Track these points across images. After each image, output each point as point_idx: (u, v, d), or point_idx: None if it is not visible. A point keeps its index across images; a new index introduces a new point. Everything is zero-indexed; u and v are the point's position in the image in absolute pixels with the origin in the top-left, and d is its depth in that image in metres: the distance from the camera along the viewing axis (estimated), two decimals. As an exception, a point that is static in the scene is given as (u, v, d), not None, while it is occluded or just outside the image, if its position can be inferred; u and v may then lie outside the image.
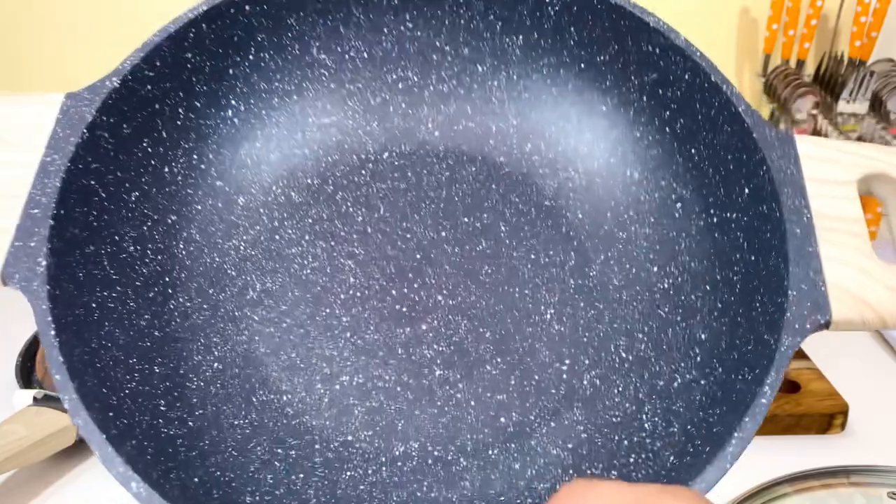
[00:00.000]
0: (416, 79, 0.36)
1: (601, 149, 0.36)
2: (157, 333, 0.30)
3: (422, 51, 0.36)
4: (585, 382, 0.32)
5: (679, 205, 0.34)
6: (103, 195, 0.29)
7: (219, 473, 0.27)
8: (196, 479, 0.26)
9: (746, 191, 0.31)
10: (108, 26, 0.78)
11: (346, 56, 0.36)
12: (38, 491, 0.46)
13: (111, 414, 0.25)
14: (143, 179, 0.31)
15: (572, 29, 0.35)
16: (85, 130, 0.28)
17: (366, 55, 0.36)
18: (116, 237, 0.30)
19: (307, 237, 0.34)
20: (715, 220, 0.32)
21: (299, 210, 0.34)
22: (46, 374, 0.54)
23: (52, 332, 0.25)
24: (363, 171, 0.36)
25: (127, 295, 0.29)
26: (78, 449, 0.48)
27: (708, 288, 0.31)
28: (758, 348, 0.27)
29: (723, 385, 0.28)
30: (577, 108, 0.36)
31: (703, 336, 0.31)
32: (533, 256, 0.34)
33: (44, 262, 0.26)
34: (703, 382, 0.29)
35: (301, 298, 0.33)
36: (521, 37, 0.36)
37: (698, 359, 0.30)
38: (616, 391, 0.31)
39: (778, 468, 0.44)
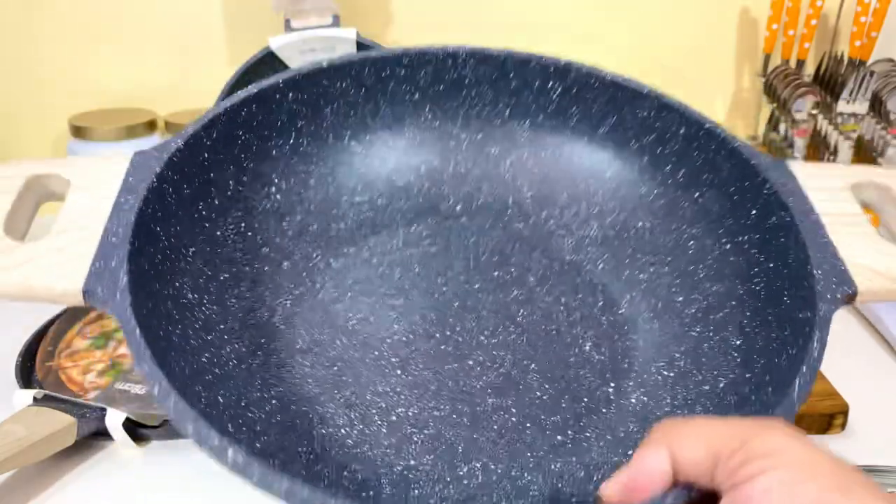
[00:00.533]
0: (436, 163, 0.41)
1: (611, 208, 0.39)
2: (217, 371, 0.32)
3: (441, 138, 0.41)
4: (633, 400, 0.34)
5: (692, 242, 0.37)
6: (166, 243, 0.33)
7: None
8: None
9: (754, 212, 0.34)
10: (117, 30, 0.78)
11: (374, 144, 0.41)
12: (38, 491, 0.46)
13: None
14: (200, 238, 0.35)
15: (574, 108, 0.40)
16: (154, 179, 0.32)
17: (389, 144, 0.41)
18: (177, 283, 0.32)
19: (349, 294, 0.37)
20: (728, 245, 0.36)
21: (339, 273, 0.38)
22: (47, 374, 0.54)
23: (141, 339, 0.26)
24: (395, 240, 0.40)
25: (188, 334, 0.31)
26: (78, 449, 0.48)
27: (734, 303, 0.34)
28: (796, 329, 0.30)
29: (769, 370, 0.30)
30: (585, 175, 0.40)
31: (737, 342, 0.33)
32: (564, 300, 0.38)
33: (125, 278, 0.28)
34: (748, 375, 0.31)
35: (349, 345, 0.35)
36: (527, 121, 0.41)
37: (738, 360, 0.32)
38: (665, 402, 0.33)
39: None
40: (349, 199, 0.40)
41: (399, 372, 0.35)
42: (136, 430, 0.49)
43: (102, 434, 0.49)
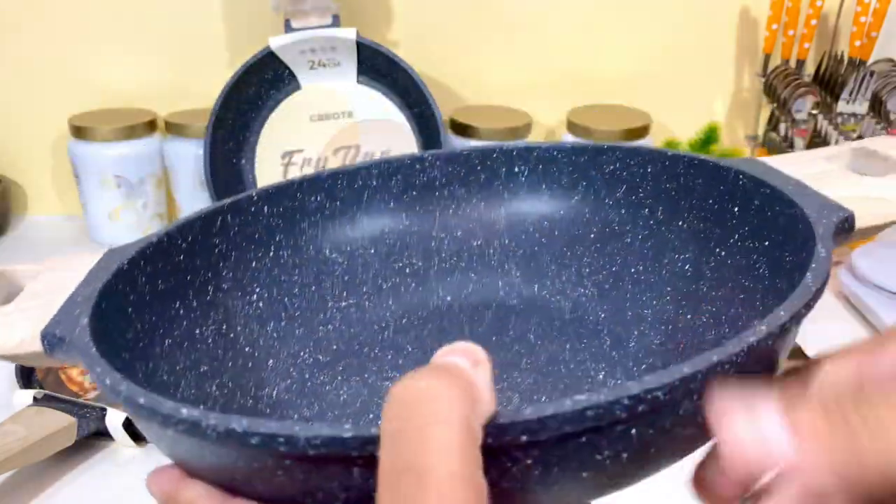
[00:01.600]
0: (420, 263, 0.41)
1: (601, 265, 0.39)
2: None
3: (421, 240, 0.41)
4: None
5: (687, 266, 0.37)
6: (138, 325, 0.32)
7: None
8: None
9: (736, 209, 0.35)
10: (117, 30, 0.78)
11: (356, 254, 0.41)
12: (38, 491, 0.46)
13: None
14: (175, 333, 0.34)
15: (543, 185, 0.41)
16: (125, 262, 0.32)
17: (372, 251, 0.41)
18: (150, 363, 0.32)
19: (339, 379, 0.37)
20: (723, 252, 0.36)
21: (328, 365, 0.38)
22: (46, 374, 0.54)
23: (101, 365, 0.25)
24: (386, 333, 0.40)
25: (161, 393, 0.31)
26: (78, 449, 0.48)
27: (743, 297, 0.34)
28: (802, 268, 0.29)
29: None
30: (569, 242, 0.40)
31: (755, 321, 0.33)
32: (569, 346, 0.37)
33: (85, 320, 0.28)
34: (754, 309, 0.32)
35: (339, 418, 0.35)
36: (503, 208, 0.41)
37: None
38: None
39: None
40: (335, 304, 0.40)
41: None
42: (136, 430, 0.49)
43: (102, 434, 0.49)
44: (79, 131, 0.74)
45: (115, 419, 0.48)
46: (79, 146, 0.75)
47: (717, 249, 0.36)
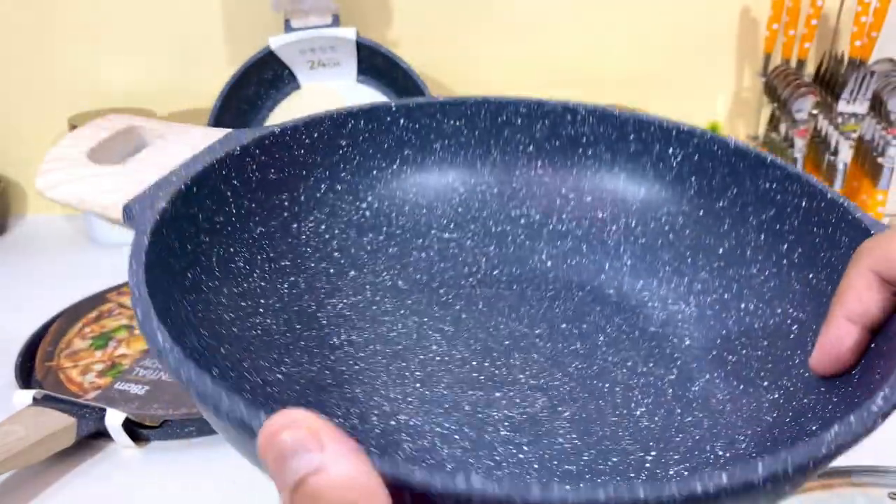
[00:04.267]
0: (537, 217, 0.40)
1: (715, 286, 0.36)
2: (234, 331, 0.31)
3: (547, 194, 0.40)
4: (671, 472, 0.31)
5: (795, 327, 0.33)
6: (233, 210, 0.33)
7: None
8: None
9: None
10: (117, 30, 0.78)
11: (478, 188, 0.40)
12: (38, 491, 0.46)
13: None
14: (271, 223, 0.35)
15: (693, 179, 0.37)
16: (238, 149, 0.32)
17: (495, 191, 0.40)
18: (231, 249, 0.32)
19: (402, 311, 0.36)
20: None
21: (402, 294, 0.37)
22: (46, 374, 0.54)
23: (143, 266, 0.26)
24: (471, 279, 0.38)
25: (221, 292, 0.31)
26: (78, 449, 0.48)
27: (823, 389, 0.30)
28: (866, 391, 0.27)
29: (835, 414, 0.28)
30: (693, 252, 0.37)
31: (814, 428, 0.29)
32: (630, 364, 0.35)
33: (164, 205, 0.29)
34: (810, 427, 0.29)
35: (381, 352, 0.34)
36: (643, 188, 0.38)
37: (802, 429, 0.29)
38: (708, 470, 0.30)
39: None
40: (438, 233, 0.39)
41: (417, 385, 0.34)
42: (136, 430, 0.49)
43: (102, 434, 0.49)
44: (79, 131, 0.74)
45: (114, 419, 0.48)
46: (79, 146, 0.75)
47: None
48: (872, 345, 0.29)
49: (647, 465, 0.31)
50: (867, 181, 0.73)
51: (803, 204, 0.34)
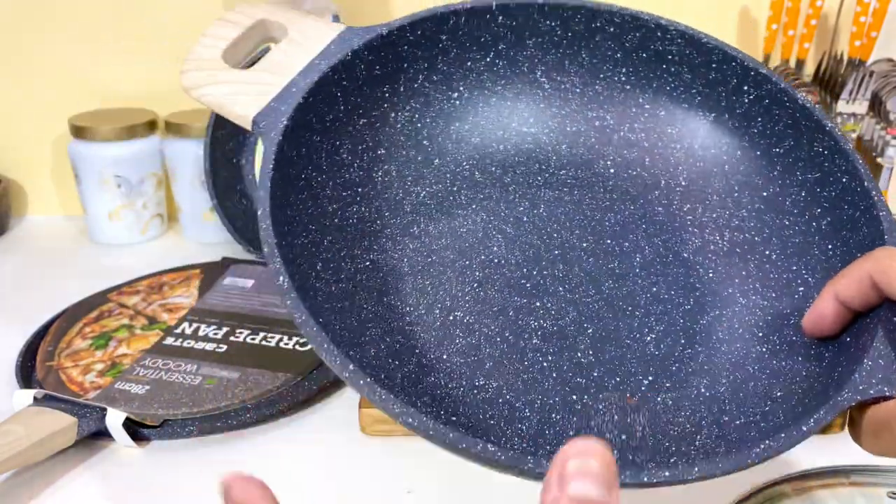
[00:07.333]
0: (612, 123, 0.42)
1: (750, 226, 0.39)
2: (336, 220, 0.37)
3: (625, 101, 0.42)
4: (659, 399, 0.35)
5: (802, 290, 0.37)
6: (342, 107, 0.37)
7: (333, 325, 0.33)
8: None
9: None
10: (117, 30, 0.78)
11: (562, 86, 0.42)
12: (38, 491, 0.46)
13: (286, 243, 0.32)
14: (373, 114, 0.39)
15: (759, 119, 0.40)
16: (349, 53, 0.37)
17: (578, 90, 0.42)
18: (337, 142, 0.37)
19: (474, 206, 0.40)
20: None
21: (477, 185, 0.41)
22: (47, 374, 0.54)
23: (271, 173, 0.32)
24: (539, 177, 0.42)
25: (327, 185, 0.37)
26: (78, 449, 0.48)
27: (800, 359, 0.34)
28: (819, 400, 0.31)
29: (779, 428, 0.31)
30: (742, 185, 0.40)
31: (778, 394, 0.34)
32: (654, 290, 0.39)
33: (286, 122, 0.34)
34: (762, 425, 0.32)
35: (450, 246, 0.39)
36: (713, 114, 0.41)
37: (766, 409, 0.33)
38: (684, 414, 0.34)
39: (777, 468, 0.44)
40: (518, 126, 0.42)
41: (476, 285, 0.38)
42: (136, 430, 0.49)
43: (102, 434, 0.49)
44: (79, 131, 0.74)
45: (115, 419, 0.48)
46: (79, 146, 0.75)
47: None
48: (847, 338, 0.33)
49: (643, 388, 0.35)
50: (866, 181, 0.73)
51: (843, 180, 0.36)
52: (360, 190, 0.38)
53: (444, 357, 0.36)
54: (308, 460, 0.49)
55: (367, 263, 0.37)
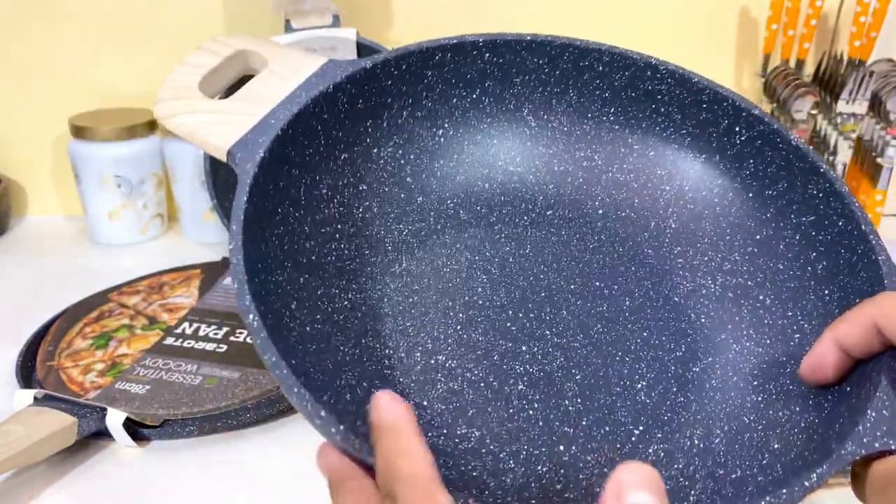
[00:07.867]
0: (601, 163, 0.41)
1: (743, 270, 0.38)
2: (313, 258, 0.35)
3: (614, 141, 0.41)
4: (650, 451, 0.33)
5: (797, 336, 0.36)
6: (322, 141, 0.36)
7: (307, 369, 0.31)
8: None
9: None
10: (117, 30, 0.78)
11: (550, 125, 0.42)
12: (38, 491, 0.46)
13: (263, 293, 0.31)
14: (355, 149, 0.38)
15: (751, 161, 0.39)
16: (331, 86, 0.36)
17: (566, 129, 0.42)
18: (317, 177, 0.36)
19: (458, 245, 0.39)
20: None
21: (461, 224, 0.40)
22: (47, 374, 0.54)
23: (244, 206, 0.31)
24: (525, 217, 0.41)
25: (305, 220, 0.35)
26: (78, 449, 0.48)
27: (798, 409, 0.33)
28: (820, 453, 0.30)
29: (779, 483, 0.30)
30: (733, 227, 0.39)
31: (776, 446, 0.32)
32: (645, 335, 0.37)
33: (263, 154, 0.32)
34: (760, 479, 0.31)
35: (433, 286, 0.38)
36: (704, 155, 0.40)
37: (764, 462, 0.31)
38: (676, 466, 0.33)
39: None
40: (504, 165, 0.41)
41: (459, 328, 0.37)
42: (136, 430, 0.49)
43: (103, 434, 0.49)
44: (79, 131, 0.74)
45: (115, 419, 0.48)
46: (79, 146, 0.75)
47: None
48: (847, 387, 0.31)
49: (633, 438, 0.34)
50: (866, 181, 0.73)
51: (839, 223, 0.35)
52: (339, 227, 0.37)
53: (425, 403, 0.34)
54: (308, 460, 0.49)
55: (346, 303, 0.35)
